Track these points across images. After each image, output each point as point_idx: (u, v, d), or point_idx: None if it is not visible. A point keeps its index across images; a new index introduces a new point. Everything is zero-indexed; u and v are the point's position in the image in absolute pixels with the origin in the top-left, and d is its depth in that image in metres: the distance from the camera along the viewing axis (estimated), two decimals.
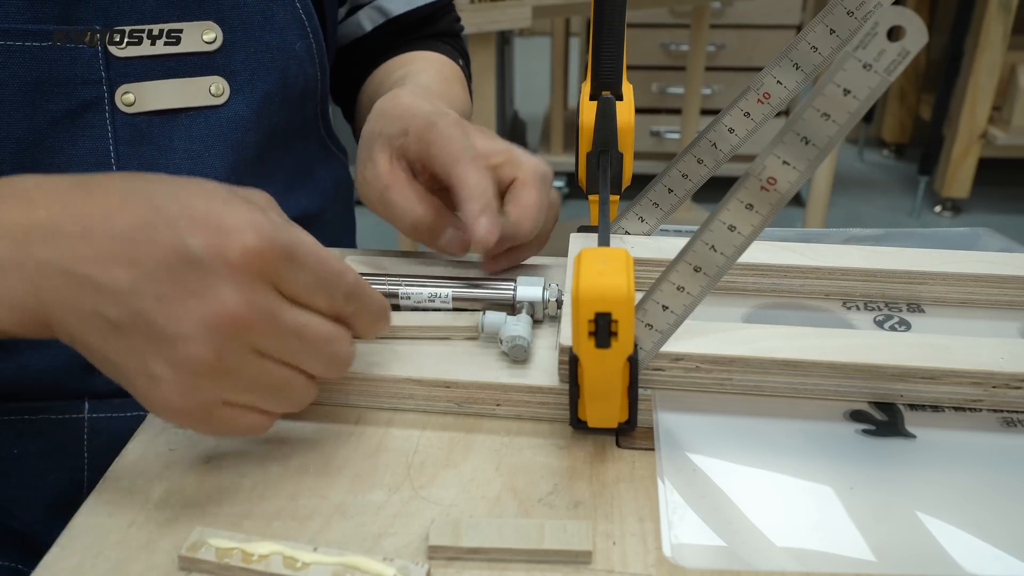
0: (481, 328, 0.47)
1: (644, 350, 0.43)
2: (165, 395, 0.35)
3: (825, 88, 0.36)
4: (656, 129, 2.53)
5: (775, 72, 0.50)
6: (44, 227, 0.35)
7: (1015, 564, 0.36)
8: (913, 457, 0.41)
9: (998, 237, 0.62)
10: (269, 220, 0.36)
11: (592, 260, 0.37)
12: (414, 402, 0.46)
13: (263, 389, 0.38)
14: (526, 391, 0.45)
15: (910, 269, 0.52)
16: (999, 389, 0.43)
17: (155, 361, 0.35)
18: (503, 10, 1.28)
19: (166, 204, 0.35)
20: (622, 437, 0.44)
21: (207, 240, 0.34)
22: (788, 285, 0.53)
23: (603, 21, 0.49)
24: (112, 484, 0.41)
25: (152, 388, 0.35)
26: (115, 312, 0.34)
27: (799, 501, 0.39)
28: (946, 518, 0.38)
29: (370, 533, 0.37)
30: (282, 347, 0.37)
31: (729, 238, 0.40)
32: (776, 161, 0.38)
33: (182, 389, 0.35)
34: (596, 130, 0.50)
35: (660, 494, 0.39)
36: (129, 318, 0.34)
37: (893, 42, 0.34)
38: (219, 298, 0.34)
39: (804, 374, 0.43)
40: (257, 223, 0.35)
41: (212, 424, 0.37)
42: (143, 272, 0.34)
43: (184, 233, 0.34)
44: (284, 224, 0.37)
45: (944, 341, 0.44)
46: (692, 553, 0.36)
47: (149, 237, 0.34)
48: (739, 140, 0.52)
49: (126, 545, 0.37)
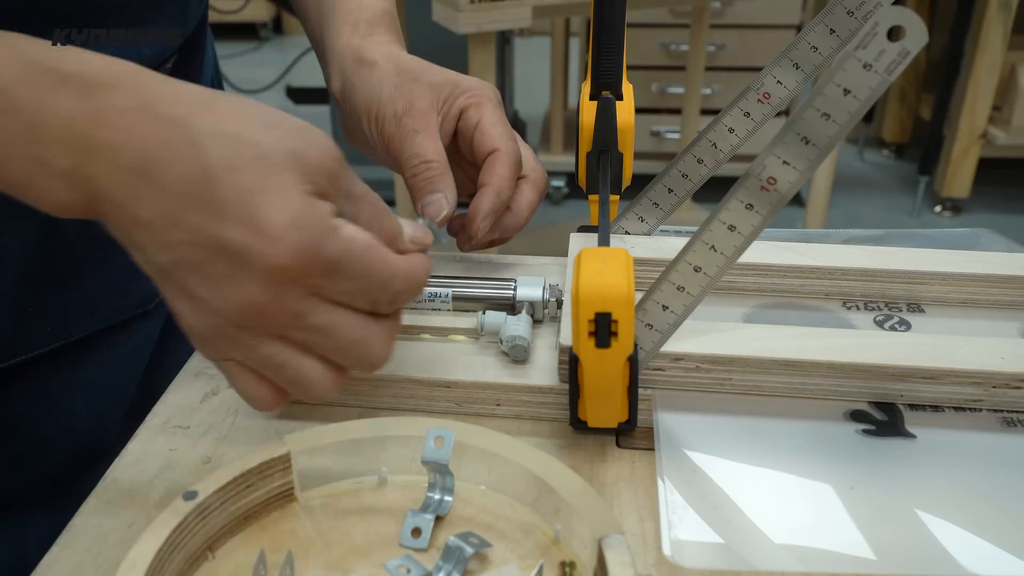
0: (481, 328, 0.47)
1: (644, 350, 0.43)
2: (185, 327, 0.36)
3: (825, 88, 0.36)
4: (656, 129, 2.53)
5: (775, 72, 0.50)
6: (104, 147, 0.33)
7: (1015, 564, 0.36)
8: (913, 457, 0.41)
9: (998, 237, 0.62)
10: (318, 223, 0.34)
11: (592, 260, 0.37)
12: (414, 402, 0.46)
13: (272, 370, 0.37)
14: (526, 391, 0.45)
15: (910, 269, 0.52)
16: (999, 389, 0.43)
17: (182, 304, 0.35)
18: (503, 10, 1.28)
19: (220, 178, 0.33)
20: (622, 437, 0.44)
21: (247, 240, 0.33)
22: (788, 285, 0.53)
23: (603, 21, 0.49)
24: (112, 484, 0.41)
25: (179, 313, 0.36)
26: (157, 255, 0.34)
27: (799, 500, 0.39)
28: (946, 518, 0.38)
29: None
30: (306, 341, 0.36)
31: (729, 238, 0.40)
32: (776, 161, 0.38)
33: (200, 334, 0.36)
34: (596, 130, 0.50)
35: (660, 494, 0.39)
36: (168, 265, 0.34)
37: (893, 42, 0.34)
38: (247, 291, 0.34)
39: (804, 374, 0.43)
40: (304, 229, 0.33)
41: (225, 373, 0.38)
42: (184, 238, 0.34)
43: (227, 221, 0.33)
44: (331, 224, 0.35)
45: (944, 341, 0.44)
46: (692, 552, 0.36)
47: (196, 209, 0.33)
48: (739, 140, 0.52)
49: (126, 545, 0.37)
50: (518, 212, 0.52)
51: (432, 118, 0.51)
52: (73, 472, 0.57)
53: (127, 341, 0.59)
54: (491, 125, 0.51)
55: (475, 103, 0.52)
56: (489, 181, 0.50)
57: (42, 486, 0.56)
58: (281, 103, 3.22)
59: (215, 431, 0.44)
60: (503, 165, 0.50)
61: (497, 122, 0.51)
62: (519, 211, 0.52)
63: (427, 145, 0.50)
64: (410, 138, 0.50)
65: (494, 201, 0.50)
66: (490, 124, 0.51)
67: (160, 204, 0.33)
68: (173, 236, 0.33)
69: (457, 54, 2.17)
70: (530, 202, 0.53)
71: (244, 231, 0.33)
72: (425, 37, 2.15)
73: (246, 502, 0.37)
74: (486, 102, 0.52)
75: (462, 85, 0.52)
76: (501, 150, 0.50)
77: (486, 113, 0.51)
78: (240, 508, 0.36)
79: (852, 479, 0.40)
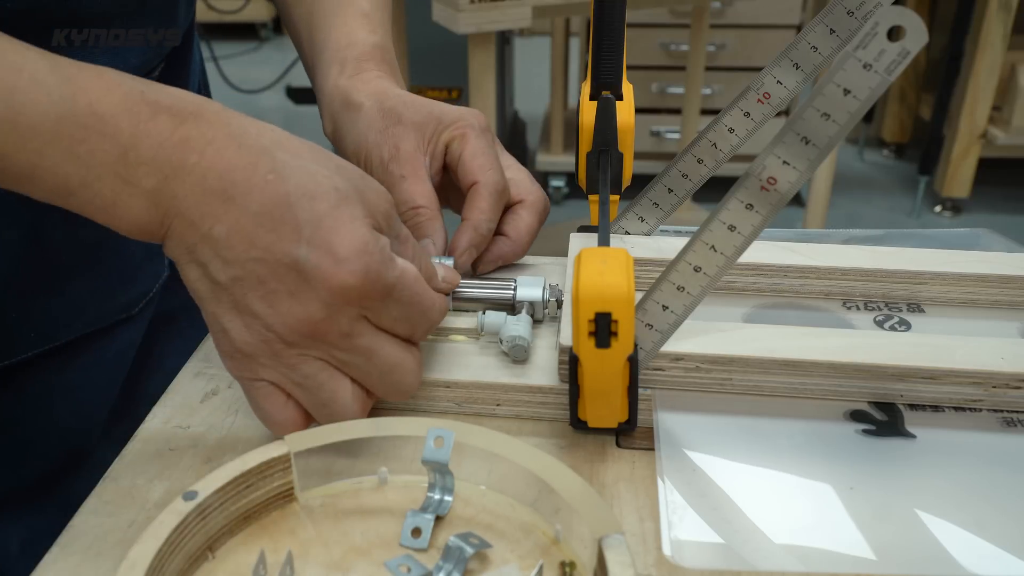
0: (481, 328, 0.47)
1: (644, 350, 0.43)
2: (226, 345, 0.39)
3: (825, 88, 0.36)
4: (656, 129, 2.53)
5: (775, 72, 0.50)
6: (192, 170, 0.37)
7: (1015, 564, 0.36)
8: (913, 457, 0.41)
9: (998, 237, 0.62)
10: (380, 252, 0.38)
11: (592, 260, 0.37)
12: (414, 402, 0.46)
13: (309, 390, 0.39)
14: (526, 391, 0.45)
15: (910, 269, 0.52)
16: (999, 389, 0.43)
17: (232, 319, 0.38)
18: (503, 10, 1.28)
19: (299, 203, 0.37)
20: (622, 437, 0.44)
21: (318, 260, 0.37)
22: (788, 285, 0.53)
23: (603, 21, 0.49)
24: (112, 484, 0.41)
25: (219, 333, 0.39)
26: (219, 271, 0.37)
27: (799, 500, 0.39)
28: (946, 518, 0.38)
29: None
30: (347, 361, 0.39)
31: (729, 238, 0.40)
32: (776, 161, 0.38)
33: (242, 351, 0.38)
34: (596, 130, 0.50)
35: (660, 494, 0.39)
36: (228, 281, 0.37)
37: (893, 42, 0.34)
38: (308, 307, 0.37)
39: (804, 374, 0.43)
40: (369, 256, 0.37)
41: (246, 390, 0.40)
42: (256, 255, 0.37)
43: (303, 242, 0.37)
44: (389, 257, 0.38)
45: (944, 341, 0.44)
46: (692, 552, 0.36)
47: (273, 229, 0.37)
48: (739, 140, 0.52)
49: (126, 545, 0.37)
50: (517, 238, 0.53)
51: (419, 160, 0.51)
52: (56, 475, 0.58)
53: (111, 345, 0.59)
54: (471, 157, 0.51)
55: (459, 135, 0.51)
56: (468, 216, 0.51)
57: (26, 487, 0.57)
58: (281, 103, 3.23)
59: (215, 431, 0.44)
60: (481, 198, 0.50)
61: (478, 152, 0.51)
62: (518, 237, 0.53)
63: (415, 190, 0.50)
64: (398, 185, 0.50)
65: (472, 236, 0.51)
66: (470, 156, 0.51)
67: (237, 222, 0.36)
68: (244, 253, 0.37)
69: (457, 54, 2.17)
70: (529, 226, 0.53)
71: (318, 252, 0.37)
72: (425, 37, 2.15)
73: (246, 502, 0.37)
74: (469, 132, 0.51)
75: (445, 119, 0.52)
76: (480, 182, 0.51)
77: (468, 145, 0.51)
78: (240, 508, 0.36)
79: (852, 479, 0.40)
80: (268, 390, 0.39)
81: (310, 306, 0.37)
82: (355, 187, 0.39)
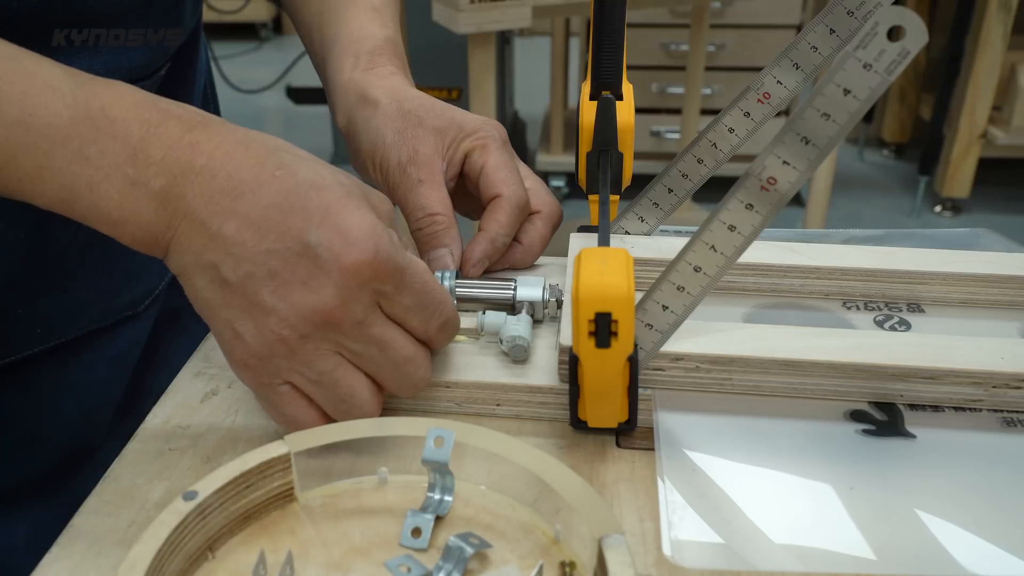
0: (481, 328, 0.47)
1: (644, 350, 0.43)
2: (240, 353, 0.38)
3: (825, 88, 0.36)
4: (656, 129, 2.53)
5: (775, 72, 0.50)
6: (201, 171, 0.37)
7: (1015, 564, 0.36)
8: (913, 457, 0.41)
9: (998, 237, 0.62)
10: (389, 237, 0.38)
11: (592, 260, 0.37)
12: (414, 402, 0.46)
13: (327, 387, 0.39)
14: (526, 391, 0.45)
15: (910, 269, 0.52)
16: (999, 389, 0.43)
17: (245, 322, 0.38)
18: (503, 10, 1.28)
19: (308, 193, 0.38)
20: (622, 437, 0.44)
21: (331, 241, 0.37)
22: (788, 285, 0.53)
23: (603, 21, 0.49)
24: (112, 484, 0.41)
25: (232, 341, 0.38)
26: (230, 270, 0.37)
27: (799, 500, 0.39)
28: (946, 518, 0.38)
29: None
30: (362, 354, 0.39)
31: (729, 238, 0.40)
32: (776, 161, 0.38)
33: (257, 354, 0.38)
34: (596, 130, 0.50)
35: (660, 494, 0.39)
36: (239, 280, 0.37)
37: (893, 42, 0.34)
38: (321, 294, 0.37)
39: (804, 374, 0.43)
40: (379, 238, 0.38)
41: (266, 397, 0.40)
42: (267, 247, 0.37)
43: (314, 227, 0.37)
44: (398, 244, 0.39)
45: (944, 341, 0.44)
46: (692, 552, 0.36)
47: (284, 218, 0.37)
48: (739, 140, 0.52)
49: (126, 545, 0.37)
50: (530, 247, 0.54)
51: (437, 165, 0.51)
52: (62, 471, 0.58)
53: (116, 342, 0.59)
54: (494, 169, 0.51)
55: (480, 145, 0.52)
56: (486, 227, 0.51)
57: (31, 484, 0.57)
58: (281, 103, 3.23)
59: (215, 431, 0.44)
60: (503, 212, 0.51)
61: (501, 165, 0.51)
62: (531, 246, 0.54)
63: (432, 196, 0.50)
64: (415, 189, 0.50)
65: (487, 248, 0.51)
66: (493, 168, 0.51)
67: (247, 217, 0.37)
68: (256, 247, 0.37)
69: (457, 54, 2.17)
70: (542, 236, 0.54)
71: (329, 234, 0.37)
72: (425, 37, 2.15)
73: (246, 502, 0.37)
74: (491, 143, 0.52)
75: (467, 127, 0.52)
76: (503, 196, 0.51)
77: (490, 157, 0.51)
78: (240, 508, 0.36)
79: (852, 479, 0.40)
80: (291, 395, 0.39)
81: (324, 292, 0.37)
82: (358, 185, 0.40)
